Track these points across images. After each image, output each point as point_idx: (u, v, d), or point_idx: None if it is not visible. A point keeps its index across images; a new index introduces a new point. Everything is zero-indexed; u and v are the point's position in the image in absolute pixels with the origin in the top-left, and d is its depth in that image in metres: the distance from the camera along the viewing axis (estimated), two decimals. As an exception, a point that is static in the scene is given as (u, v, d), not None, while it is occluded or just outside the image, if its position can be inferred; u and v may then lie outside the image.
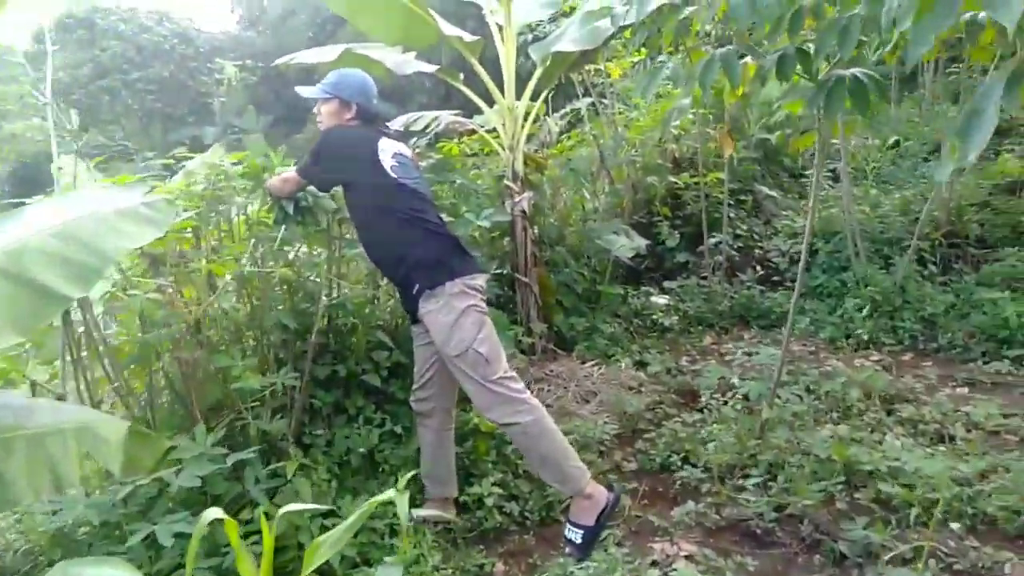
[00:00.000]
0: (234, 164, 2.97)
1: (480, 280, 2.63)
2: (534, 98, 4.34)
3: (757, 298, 5.33)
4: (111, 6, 28.86)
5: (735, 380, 3.86)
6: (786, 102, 2.80)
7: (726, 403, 3.72)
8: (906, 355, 4.32)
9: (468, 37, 3.86)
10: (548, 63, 4.04)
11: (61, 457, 1.60)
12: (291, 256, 3.12)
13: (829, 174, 6.48)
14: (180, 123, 27.66)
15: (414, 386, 2.79)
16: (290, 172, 2.75)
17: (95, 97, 26.59)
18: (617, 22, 3.17)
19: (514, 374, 2.56)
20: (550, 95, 4.65)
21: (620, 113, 6.49)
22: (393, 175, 2.62)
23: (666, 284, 5.66)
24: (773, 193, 6.59)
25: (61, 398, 2.47)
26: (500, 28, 4.19)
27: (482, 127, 4.65)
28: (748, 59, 2.54)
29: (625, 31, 3.99)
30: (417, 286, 2.55)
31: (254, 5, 29.16)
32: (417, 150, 4.26)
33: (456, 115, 4.62)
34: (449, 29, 3.85)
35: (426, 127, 4.45)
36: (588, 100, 6.33)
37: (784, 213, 6.39)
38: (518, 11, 4.16)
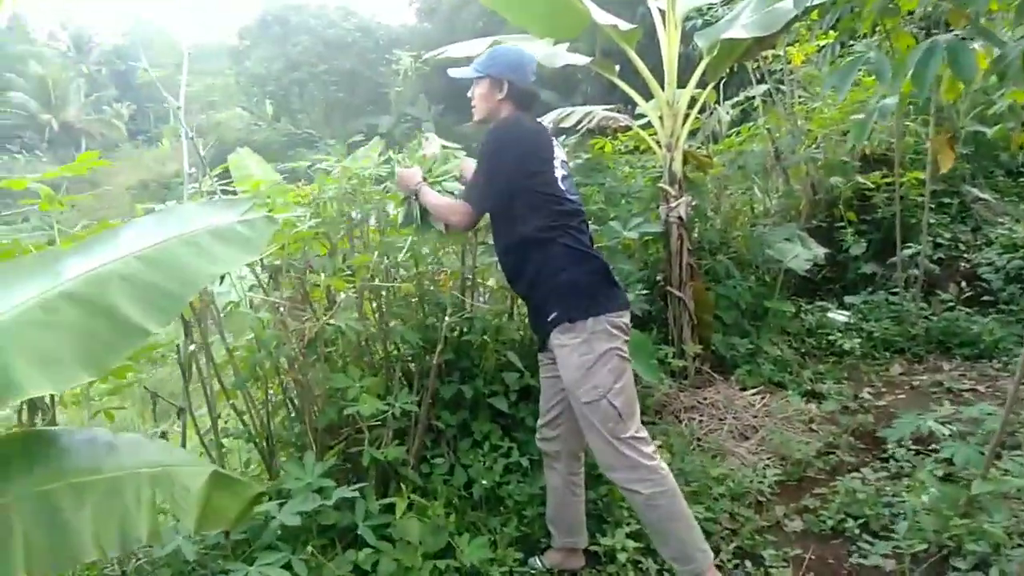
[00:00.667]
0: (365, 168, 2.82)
1: (626, 318, 2.24)
2: (699, 89, 3.86)
3: (961, 322, 4.53)
4: (304, 3, 31.03)
5: (932, 426, 3.19)
6: (1010, 90, 2.19)
7: (918, 454, 3.10)
8: None
9: (624, 26, 3.46)
10: (716, 52, 3.54)
11: (133, 508, 1.46)
12: (422, 267, 2.92)
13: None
14: (359, 112, 29.21)
15: (539, 422, 2.48)
16: (459, 203, 2.32)
17: (286, 88, 28.80)
18: (802, 4, 2.66)
19: (646, 435, 2.19)
20: (721, 82, 4.13)
21: (800, 104, 5.76)
22: (563, 187, 2.28)
23: (847, 299, 4.96)
24: (986, 196, 5.59)
25: (181, 411, 2.42)
26: (663, 14, 3.74)
27: (640, 118, 4.23)
28: (976, 45, 1.97)
29: (811, 12, 3.42)
30: (555, 314, 2.19)
31: (430, -4, 30.08)
32: (566, 148, 3.94)
33: (612, 110, 4.24)
34: (603, 17, 3.47)
35: (578, 123, 4.11)
36: (763, 88, 5.68)
37: (999, 220, 5.40)
38: (683, -6, 3.69)
